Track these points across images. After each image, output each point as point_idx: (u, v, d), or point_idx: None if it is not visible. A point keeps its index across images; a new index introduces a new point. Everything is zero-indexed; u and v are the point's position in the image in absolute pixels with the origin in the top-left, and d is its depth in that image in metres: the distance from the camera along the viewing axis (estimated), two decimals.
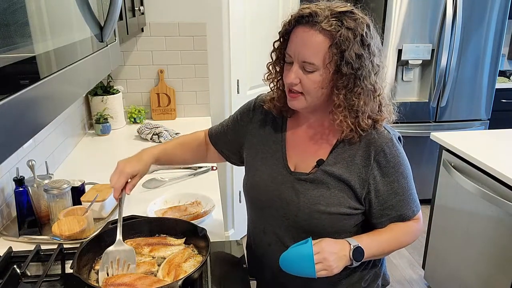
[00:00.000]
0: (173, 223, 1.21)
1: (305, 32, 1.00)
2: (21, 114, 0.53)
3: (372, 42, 1.00)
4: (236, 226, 3.00)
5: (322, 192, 1.08)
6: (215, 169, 1.86)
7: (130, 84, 2.55)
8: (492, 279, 1.90)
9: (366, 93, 1.02)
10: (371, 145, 1.06)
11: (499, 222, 1.83)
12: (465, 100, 3.26)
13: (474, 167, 1.96)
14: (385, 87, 1.08)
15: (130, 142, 2.26)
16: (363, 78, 1.00)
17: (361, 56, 0.98)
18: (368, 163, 1.06)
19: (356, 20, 0.98)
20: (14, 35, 0.51)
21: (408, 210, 1.10)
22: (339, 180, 1.07)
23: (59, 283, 1.09)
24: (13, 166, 1.43)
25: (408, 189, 1.10)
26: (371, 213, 1.10)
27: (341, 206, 1.07)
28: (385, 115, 1.07)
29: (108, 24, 0.88)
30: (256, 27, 2.72)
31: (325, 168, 1.09)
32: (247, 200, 1.23)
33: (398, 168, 1.07)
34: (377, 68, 1.03)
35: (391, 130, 1.12)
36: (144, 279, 1.00)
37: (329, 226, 1.08)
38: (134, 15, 2.02)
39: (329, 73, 1.00)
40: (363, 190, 1.07)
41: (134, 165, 1.15)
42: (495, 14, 3.05)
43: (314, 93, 1.03)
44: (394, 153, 1.07)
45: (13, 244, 1.25)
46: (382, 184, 1.07)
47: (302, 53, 1.00)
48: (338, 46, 0.96)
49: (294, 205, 1.10)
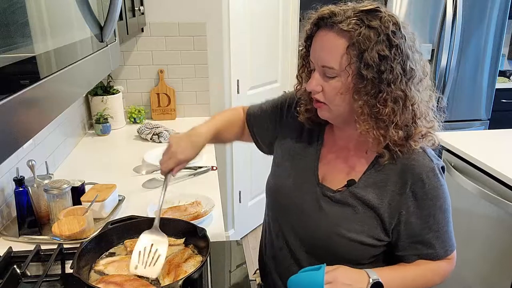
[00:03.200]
0: (173, 223, 1.21)
1: (324, 35, 0.93)
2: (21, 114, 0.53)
3: (402, 43, 0.90)
4: (236, 226, 3.00)
5: (346, 214, 0.99)
6: (215, 169, 1.86)
7: (130, 84, 2.55)
8: (492, 279, 1.90)
9: (394, 100, 0.90)
10: (408, 172, 0.95)
11: (499, 222, 1.83)
12: (465, 100, 3.26)
13: (474, 167, 1.96)
14: (426, 97, 0.96)
15: (130, 142, 2.26)
16: (390, 82, 0.89)
17: (386, 58, 0.87)
18: (403, 191, 0.95)
19: (382, 19, 0.88)
20: (14, 35, 0.51)
21: (441, 249, 0.99)
22: (367, 206, 0.97)
23: (59, 283, 1.09)
24: (13, 166, 1.43)
25: (444, 225, 0.98)
26: (397, 245, 1.00)
27: (364, 234, 0.98)
28: (420, 129, 0.95)
29: (108, 24, 0.88)
30: (256, 27, 2.72)
31: (355, 190, 0.99)
32: (268, 199, 1.18)
33: (436, 201, 0.96)
34: (410, 71, 0.91)
35: (435, 158, 0.99)
36: (134, 281, 1.00)
37: (346, 252, 0.99)
38: (134, 15, 2.02)
39: (350, 77, 0.91)
40: (393, 220, 0.97)
41: (187, 152, 1.08)
42: (495, 14, 3.05)
43: (337, 101, 0.94)
44: (434, 184, 0.95)
45: (13, 244, 1.25)
46: (415, 216, 0.96)
47: (321, 57, 0.93)
48: (357, 47, 0.88)
49: (314, 220, 1.02)
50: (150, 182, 1.70)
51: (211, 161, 1.94)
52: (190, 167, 1.84)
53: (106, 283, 0.98)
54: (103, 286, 0.96)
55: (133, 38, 2.43)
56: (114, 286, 0.97)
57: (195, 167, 1.84)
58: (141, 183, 1.69)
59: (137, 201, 1.55)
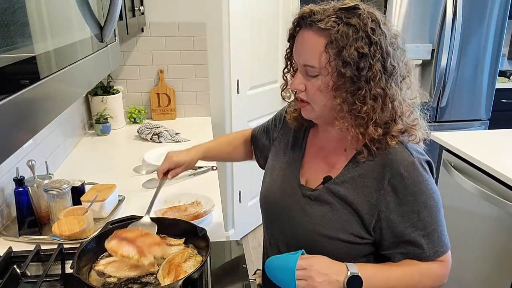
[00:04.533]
0: (173, 223, 1.21)
1: (304, 34, 0.94)
2: (21, 114, 0.53)
3: (382, 39, 0.89)
4: (236, 226, 3.00)
5: (324, 212, 0.98)
6: (215, 169, 1.86)
7: (130, 84, 2.55)
8: (492, 279, 1.90)
9: (373, 98, 0.90)
10: (387, 166, 0.93)
11: (499, 222, 1.83)
12: (465, 100, 3.26)
13: (474, 167, 1.96)
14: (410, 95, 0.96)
15: (130, 142, 2.26)
16: (369, 79, 0.89)
17: (365, 55, 0.87)
18: (381, 186, 0.93)
19: (360, 15, 0.88)
20: (14, 35, 0.51)
21: (430, 249, 0.94)
22: (344, 202, 0.96)
23: (59, 283, 1.09)
24: (13, 166, 1.43)
25: (432, 224, 0.94)
26: (382, 244, 0.97)
27: (343, 231, 0.96)
28: (399, 126, 0.93)
29: (108, 24, 0.88)
30: (256, 27, 2.72)
31: (330, 186, 0.99)
32: (260, 208, 1.19)
33: (419, 197, 0.92)
34: (391, 69, 0.90)
35: (416, 152, 0.96)
36: (146, 237, 1.05)
37: (330, 251, 0.96)
38: (134, 15, 2.02)
39: (330, 75, 0.91)
40: (372, 218, 0.94)
41: (181, 156, 1.22)
42: (495, 14, 3.05)
43: (318, 100, 0.95)
44: (414, 179, 0.92)
45: (13, 244, 1.25)
46: (396, 213, 0.93)
47: (302, 56, 0.94)
48: (335, 45, 0.87)
49: (298, 222, 1.02)
50: (150, 182, 1.70)
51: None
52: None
53: (120, 238, 1.03)
54: (117, 241, 1.02)
55: (133, 38, 2.43)
56: (127, 243, 1.01)
57: (195, 167, 1.84)
58: (141, 183, 1.69)
59: (137, 201, 1.55)
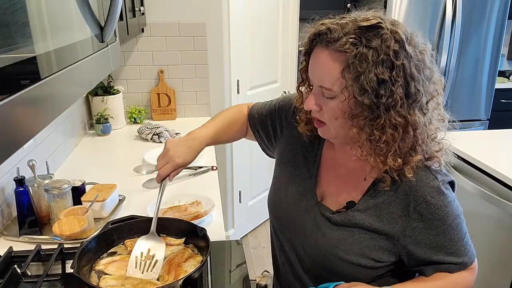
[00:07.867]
0: (173, 223, 1.21)
1: (319, 53, 0.86)
2: (21, 114, 0.53)
3: (406, 62, 0.81)
4: (236, 226, 3.00)
5: (345, 236, 0.95)
6: (215, 169, 1.86)
7: (131, 84, 2.55)
8: (492, 279, 1.90)
9: (393, 127, 0.83)
10: (412, 193, 0.89)
11: (499, 222, 1.83)
12: (464, 100, 3.26)
13: (474, 167, 1.96)
14: (437, 115, 0.91)
15: (130, 142, 2.26)
16: (389, 107, 0.81)
17: (385, 81, 0.80)
18: (406, 213, 0.90)
19: (382, 36, 0.80)
20: (15, 35, 0.51)
21: (459, 263, 0.94)
22: (367, 229, 0.93)
23: (59, 283, 1.09)
24: (13, 166, 1.43)
25: (459, 240, 0.92)
26: (411, 264, 0.95)
27: (364, 257, 0.93)
28: (418, 157, 0.87)
29: (108, 25, 0.88)
30: (256, 27, 2.72)
31: (354, 213, 0.95)
32: (269, 212, 1.15)
33: (445, 220, 0.90)
34: (415, 94, 0.83)
35: (440, 175, 0.92)
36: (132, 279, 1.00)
37: (346, 273, 0.95)
38: (135, 16, 2.02)
39: (347, 101, 0.84)
40: (398, 243, 0.92)
41: (185, 156, 1.06)
42: (495, 14, 3.05)
43: (336, 123, 0.89)
44: (440, 203, 0.89)
45: (14, 244, 1.25)
46: (424, 237, 0.91)
47: (318, 77, 0.87)
48: (352, 70, 0.80)
49: (313, 239, 0.99)
50: (150, 182, 1.70)
51: (211, 161, 1.94)
52: (190, 167, 1.84)
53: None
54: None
55: (134, 38, 2.44)
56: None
57: (195, 167, 1.84)
58: (141, 183, 1.69)
59: (137, 201, 1.55)
